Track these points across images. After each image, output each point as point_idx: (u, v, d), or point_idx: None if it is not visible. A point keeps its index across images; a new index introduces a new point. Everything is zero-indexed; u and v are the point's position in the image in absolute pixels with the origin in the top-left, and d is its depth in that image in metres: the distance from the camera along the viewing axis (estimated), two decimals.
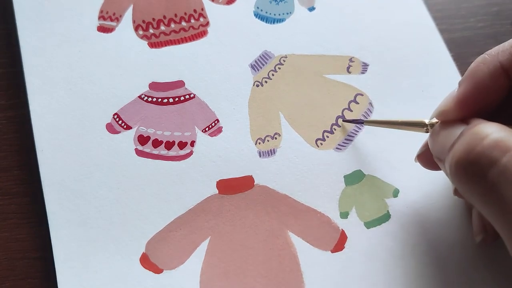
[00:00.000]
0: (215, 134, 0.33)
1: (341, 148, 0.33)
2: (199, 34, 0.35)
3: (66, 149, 0.32)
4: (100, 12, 0.35)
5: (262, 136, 0.33)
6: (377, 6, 0.36)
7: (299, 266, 0.31)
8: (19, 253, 0.32)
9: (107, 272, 0.30)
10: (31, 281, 0.31)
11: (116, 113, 0.33)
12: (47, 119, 0.33)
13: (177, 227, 0.31)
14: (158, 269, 0.31)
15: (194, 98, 0.34)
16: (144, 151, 0.33)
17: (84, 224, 0.31)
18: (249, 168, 0.32)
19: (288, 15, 0.36)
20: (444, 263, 0.30)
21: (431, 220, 0.31)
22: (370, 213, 0.31)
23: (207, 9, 0.35)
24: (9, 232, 0.32)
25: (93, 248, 0.31)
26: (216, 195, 0.32)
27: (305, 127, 0.33)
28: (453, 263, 0.30)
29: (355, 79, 0.35)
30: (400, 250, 0.31)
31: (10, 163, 0.33)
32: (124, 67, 0.34)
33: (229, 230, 0.31)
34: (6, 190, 0.33)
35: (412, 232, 0.31)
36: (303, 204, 0.32)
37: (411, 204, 0.32)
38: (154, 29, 0.35)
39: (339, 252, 0.31)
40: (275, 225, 0.31)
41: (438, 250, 0.31)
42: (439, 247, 0.31)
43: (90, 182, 0.32)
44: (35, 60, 0.34)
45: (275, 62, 0.35)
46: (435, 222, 0.31)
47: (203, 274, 0.30)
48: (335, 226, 0.31)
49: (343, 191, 0.32)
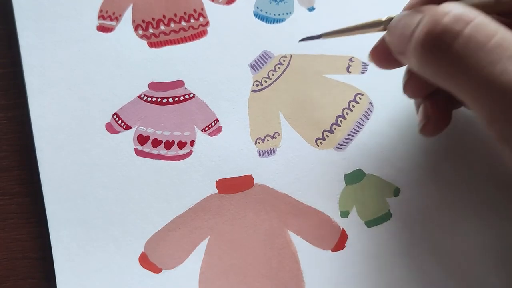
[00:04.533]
0: (215, 133, 0.33)
1: (341, 148, 0.33)
2: (199, 34, 0.35)
3: (66, 149, 0.32)
4: (99, 12, 0.35)
5: (262, 136, 0.33)
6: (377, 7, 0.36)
7: (299, 265, 0.30)
8: (19, 253, 0.32)
9: (107, 271, 0.30)
10: (31, 281, 0.31)
11: (116, 112, 0.33)
12: (47, 119, 0.33)
13: (176, 227, 0.31)
14: (157, 269, 0.31)
15: (194, 98, 0.34)
16: (143, 150, 0.33)
17: (84, 224, 0.31)
18: (249, 168, 0.32)
19: (288, 15, 0.36)
20: (444, 262, 0.30)
21: (432, 219, 0.31)
22: (371, 212, 0.31)
23: (207, 9, 0.35)
24: (9, 232, 0.32)
25: (92, 247, 0.31)
26: (216, 194, 0.32)
27: (305, 126, 0.33)
28: (454, 262, 0.30)
29: (355, 79, 0.35)
30: (401, 249, 0.31)
31: (10, 163, 0.33)
32: (124, 67, 0.34)
33: (229, 230, 0.31)
34: (6, 190, 0.33)
35: (412, 231, 0.31)
36: (303, 203, 0.32)
37: (412, 203, 0.32)
38: (154, 29, 0.35)
39: (339, 251, 0.31)
40: (275, 224, 0.31)
41: (439, 249, 0.31)
42: (439, 246, 0.31)
43: (89, 182, 0.32)
44: (35, 60, 0.34)
45: (275, 62, 0.35)
46: (436, 221, 0.31)
47: (202, 274, 0.30)
48: (335, 225, 0.31)
49: (344, 190, 0.32)
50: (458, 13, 0.22)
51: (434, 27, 0.22)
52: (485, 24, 0.21)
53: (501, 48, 0.21)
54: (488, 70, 0.21)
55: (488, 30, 0.21)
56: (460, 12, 0.22)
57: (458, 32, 0.21)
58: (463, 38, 0.21)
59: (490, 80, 0.21)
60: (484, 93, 0.21)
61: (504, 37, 0.21)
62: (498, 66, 0.20)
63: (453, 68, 0.22)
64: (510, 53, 0.20)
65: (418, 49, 0.23)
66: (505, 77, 0.20)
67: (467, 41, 0.21)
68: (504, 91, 0.20)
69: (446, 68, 0.22)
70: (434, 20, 0.22)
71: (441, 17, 0.22)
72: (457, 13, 0.22)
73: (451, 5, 0.22)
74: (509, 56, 0.20)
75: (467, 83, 0.22)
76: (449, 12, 0.22)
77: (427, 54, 0.23)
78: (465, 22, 0.21)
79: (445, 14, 0.22)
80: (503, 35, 0.21)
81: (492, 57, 0.21)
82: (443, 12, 0.22)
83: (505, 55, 0.20)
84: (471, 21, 0.21)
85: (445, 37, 0.22)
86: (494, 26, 0.21)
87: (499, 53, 0.21)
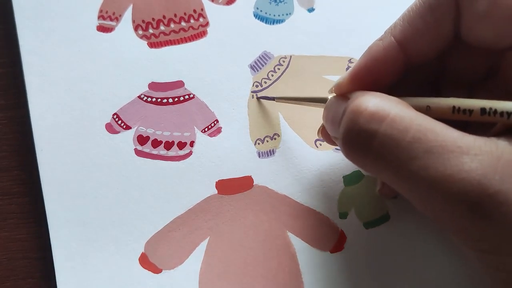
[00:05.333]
0: (215, 134, 0.33)
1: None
2: (199, 35, 0.35)
3: (66, 149, 0.32)
4: (99, 12, 0.35)
5: (261, 137, 0.33)
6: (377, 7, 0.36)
7: (298, 266, 0.31)
8: (19, 253, 0.32)
9: (107, 272, 0.31)
10: (31, 281, 0.31)
11: (116, 113, 0.33)
12: (46, 119, 0.33)
13: (176, 227, 0.31)
14: (157, 269, 0.31)
15: (194, 98, 0.34)
16: (143, 151, 0.33)
17: (84, 224, 0.31)
18: (248, 169, 0.32)
19: (288, 16, 0.36)
20: (443, 263, 0.31)
21: (430, 220, 0.31)
22: (369, 214, 0.32)
23: (207, 10, 0.35)
24: (9, 232, 0.32)
25: (92, 248, 0.31)
26: (216, 195, 0.32)
27: (304, 128, 0.33)
28: (452, 263, 0.31)
29: None
30: (399, 250, 0.31)
31: (10, 163, 0.33)
32: (124, 67, 0.34)
33: (228, 230, 0.31)
34: (6, 190, 0.33)
35: (411, 232, 0.31)
36: (302, 204, 0.32)
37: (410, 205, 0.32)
38: (154, 29, 0.35)
39: (338, 252, 0.31)
40: (274, 225, 0.31)
41: (437, 250, 0.31)
42: (438, 248, 0.31)
43: (89, 182, 0.32)
44: (35, 60, 0.34)
45: (275, 62, 0.35)
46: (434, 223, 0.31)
47: (202, 274, 0.31)
48: (334, 226, 0.31)
49: (342, 191, 0.32)
50: (372, 111, 0.22)
51: (352, 127, 0.22)
52: (400, 118, 0.21)
53: (418, 142, 0.21)
54: (408, 167, 0.21)
55: (403, 124, 0.21)
56: (374, 110, 0.22)
57: (373, 131, 0.22)
58: (379, 137, 0.21)
59: (411, 177, 0.21)
60: (409, 188, 0.22)
61: (419, 129, 0.21)
62: (416, 163, 0.21)
63: (376, 165, 0.22)
64: (426, 147, 0.21)
65: (342, 148, 0.23)
66: (423, 173, 0.20)
67: (383, 139, 0.21)
68: (426, 187, 0.21)
69: (370, 165, 0.23)
70: (351, 119, 0.22)
71: (358, 114, 0.22)
72: (371, 111, 0.22)
73: (371, 99, 0.22)
74: (426, 150, 0.20)
75: (393, 178, 0.22)
76: (364, 110, 0.22)
77: (350, 152, 0.23)
78: (380, 119, 0.22)
79: (363, 110, 0.22)
80: (419, 127, 0.21)
81: (410, 153, 0.21)
82: (362, 107, 0.22)
83: (421, 149, 0.21)
84: (385, 118, 0.21)
85: (362, 137, 0.22)
86: (409, 119, 0.21)
87: (416, 148, 0.21)
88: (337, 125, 0.24)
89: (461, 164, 0.20)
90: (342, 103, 0.24)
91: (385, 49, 0.25)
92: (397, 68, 0.26)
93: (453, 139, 0.21)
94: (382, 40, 0.26)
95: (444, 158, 0.20)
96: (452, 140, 0.21)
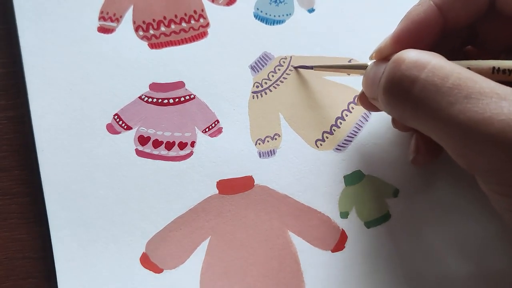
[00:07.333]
0: (215, 134, 0.33)
1: (341, 149, 0.33)
2: (199, 35, 0.35)
3: (67, 149, 0.32)
4: (100, 13, 0.35)
5: (262, 137, 0.33)
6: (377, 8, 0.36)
7: (299, 266, 0.31)
8: (19, 253, 0.32)
9: (107, 272, 0.31)
10: (31, 281, 0.31)
11: (117, 113, 0.33)
12: (47, 119, 0.33)
13: (177, 227, 0.31)
14: (158, 269, 0.31)
15: (194, 98, 0.34)
16: (144, 151, 0.33)
17: (84, 224, 0.31)
18: (249, 169, 0.33)
19: (288, 16, 0.36)
20: (444, 262, 0.31)
21: (431, 220, 0.32)
22: (370, 213, 0.32)
23: (207, 10, 0.36)
24: (9, 232, 0.32)
25: (93, 248, 0.31)
26: (217, 195, 0.32)
27: (304, 128, 0.34)
28: (453, 262, 0.31)
29: (354, 81, 0.35)
30: (400, 249, 0.31)
31: (10, 163, 0.33)
32: (125, 68, 0.34)
33: (230, 230, 0.31)
34: (6, 190, 0.33)
35: (412, 231, 0.31)
36: (303, 204, 0.32)
37: (411, 204, 0.32)
38: (154, 30, 0.35)
39: (339, 251, 0.31)
40: (276, 225, 0.31)
41: (438, 249, 0.31)
42: (438, 247, 0.31)
43: (90, 182, 0.32)
44: (35, 60, 0.34)
45: (275, 63, 0.35)
46: (435, 222, 0.31)
47: (203, 274, 0.31)
48: (335, 226, 0.31)
49: (343, 191, 0.32)
50: (414, 59, 0.23)
51: (393, 75, 0.23)
52: (440, 67, 0.22)
53: (458, 89, 0.22)
54: (447, 111, 0.22)
55: (444, 72, 0.22)
56: (416, 59, 0.23)
57: (415, 77, 0.23)
58: (420, 82, 0.22)
59: (450, 120, 0.22)
60: (447, 132, 0.22)
61: (460, 77, 0.22)
62: (456, 107, 0.21)
63: (415, 111, 0.23)
64: (466, 93, 0.21)
65: (383, 97, 0.25)
66: (463, 117, 0.21)
67: (424, 85, 0.22)
68: (464, 130, 0.21)
69: (409, 111, 0.23)
70: (393, 68, 0.24)
71: (399, 65, 0.23)
72: (413, 59, 0.23)
73: (411, 52, 0.24)
74: (465, 95, 0.21)
75: (430, 124, 0.23)
76: (406, 59, 0.23)
77: (390, 99, 0.24)
78: (421, 67, 0.23)
79: (402, 61, 0.23)
80: (459, 75, 0.22)
81: (450, 99, 0.22)
82: (402, 59, 0.23)
83: (461, 95, 0.21)
84: (426, 66, 0.23)
85: (404, 83, 0.23)
86: (449, 68, 0.22)
87: (456, 93, 0.22)
88: (376, 85, 0.25)
89: (500, 108, 0.21)
90: (383, 65, 0.25)
91: (425, 12, 0.26)
92: (436, 32, 0.27)
93: (491, 87, 0.21)
94: (420, 5, 0.27)
95: (484, 103, 0.21)
96: (490, 88, 0.21)
